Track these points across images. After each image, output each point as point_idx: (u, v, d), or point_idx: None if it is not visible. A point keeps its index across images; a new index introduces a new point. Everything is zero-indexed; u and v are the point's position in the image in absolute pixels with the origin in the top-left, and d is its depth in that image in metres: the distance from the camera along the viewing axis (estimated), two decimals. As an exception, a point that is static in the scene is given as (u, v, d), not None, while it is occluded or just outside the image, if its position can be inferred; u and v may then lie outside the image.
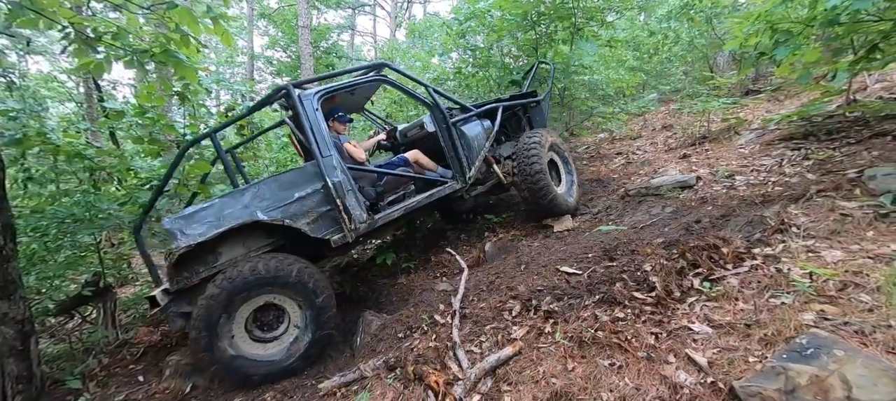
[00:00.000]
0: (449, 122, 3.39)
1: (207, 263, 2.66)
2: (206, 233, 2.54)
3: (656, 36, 8.34)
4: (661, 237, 2.89)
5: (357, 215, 2.85)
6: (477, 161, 3.48)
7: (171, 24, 2.85)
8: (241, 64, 16.63)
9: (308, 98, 2.89)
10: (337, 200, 2.74)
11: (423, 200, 3.21)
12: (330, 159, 2.81)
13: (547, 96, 4.54)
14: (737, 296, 1.98)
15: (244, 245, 2.75)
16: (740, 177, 3.63)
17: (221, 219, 2.60)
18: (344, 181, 2.83)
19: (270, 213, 2.67)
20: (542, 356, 1.99)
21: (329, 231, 2.83)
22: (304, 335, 2.64)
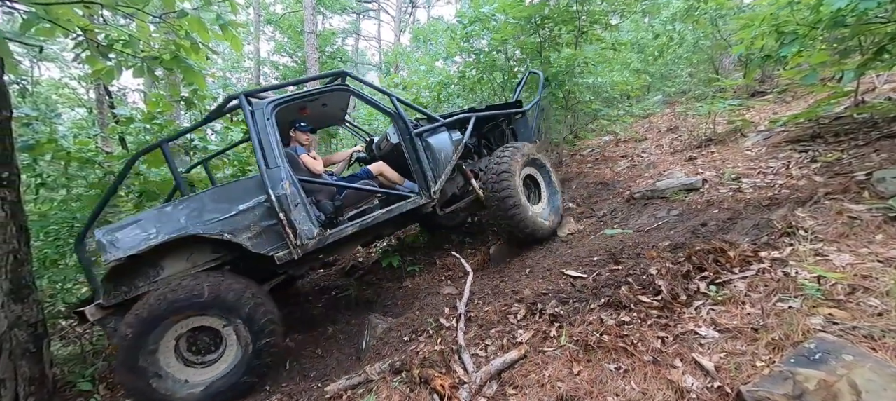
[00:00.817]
0: (412, 132, 3.19)
1: (148, 277, 2.54)
2: (137, 246, 2.39)
3: (661, 38, 8.32)
4: (666, 240, 2.88)
5: (305, 231, 2.66)
6: (444, 174, 3.27)
7: (181, 31, 2.91)
8: (248, 69, 16.83)
9: (260, 108, 2.78)
10: (280, 213, 2.57)
11: (381, 216, 3.02)
12: (277, 171, 2.65)
13: (536, 107, 4.28)
14: (744, 300, 1.97)
15: (188, 259, 2.62)
16: (747, 179, 3.60)
17: (156, 232, 2.44)
18: (291, 194, 2.64)
19: (209, 226, 2.49)
20: (548, 360, 2.00)
21: (273, 247, 2.63)
22: (241, 361, 2.48)
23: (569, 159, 6.38)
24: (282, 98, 2.90)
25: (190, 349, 2.50)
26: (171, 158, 2.85)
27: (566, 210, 4.50)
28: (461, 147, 3.40)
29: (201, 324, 2.45)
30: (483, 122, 3.82)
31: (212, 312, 2.40)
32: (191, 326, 2.43)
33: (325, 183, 3.14)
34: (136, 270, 2.51)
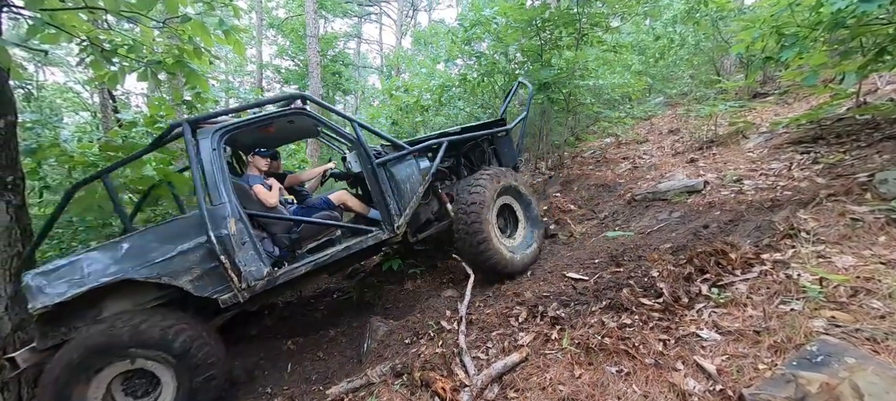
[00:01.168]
0: (373, 162, 2.89)
1: (87, 318, 2.36)
2: (66, 293, 2.20)
3: (662, 40, 8.32)
4: (668, 243, 2.88)
5: (252, 272, 2.46)
6: (409, 208, 2.97)
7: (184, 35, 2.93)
8: (251, 73, 16.92)
9: (206, 136, 2.54)
10: (221, 256, 2.36)
11: (337, 254, 2.76)
12: (221, 208, 2.44)
13: (523, 124, 3.93)
14: (746, 302, 1.96)
15: (132, 298, 2.46)
16: (749, 181, 3.60)
17: (88, 276, 2.25)
18: (236, 233, 2.44)
19: (146, 269, 2.31)
20: (549, 363, 1.99)
21: (217, 290, 2.44)
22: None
23: (570, 161, 6.38)
24: (230, 124, 2.65)
25: (126, 393, 2.35)
26: (114, 190, 2.71)
27: (567, 212, 4.50)
28: (429, 177, 3.11)
29: (132, 367, 2.29)
30: (458, 145, 3.53)
31: (139, 354, 2.24)
32: (119, 370, 2.27)
33: (277, 217, 2.90)
34: (74, 311, 2.33)
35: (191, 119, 2.57)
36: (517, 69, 6.58)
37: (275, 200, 2.96)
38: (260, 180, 3.03)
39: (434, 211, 3.44)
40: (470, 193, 3.04)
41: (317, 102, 3.08)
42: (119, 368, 2.27)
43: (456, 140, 3.35)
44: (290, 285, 2.94)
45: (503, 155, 3.81)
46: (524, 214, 3.45)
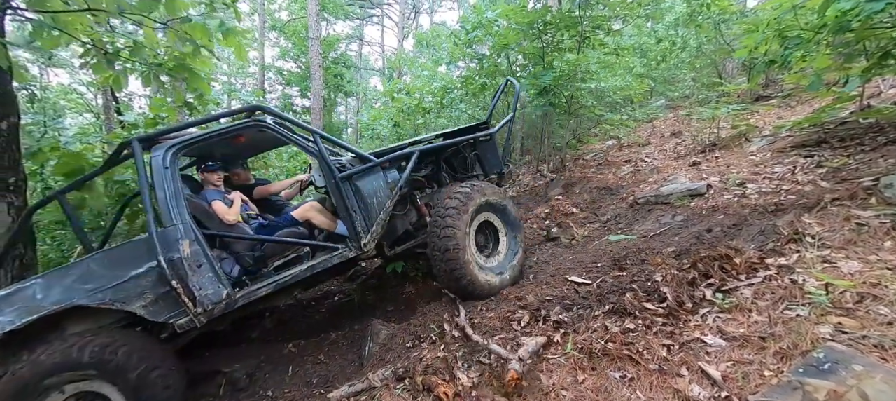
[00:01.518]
0: (336, 177, 2.73)
1: (48, 342, 2.28)
2: (16, 322, 2.15)
3: (664, 43, 8.32)
4: (671, 246, 2.87)
5: (208, 295, 2.37)
6: (377, 223, 2.81)
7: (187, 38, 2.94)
8: (253, 74, 16.98)
9: (158, 153, 2.44)
10: (173, 281, 2.28)
11: (300, 274, 2.65)
12: (172, 230, 2.35)
13: (509, 127, 3.66)
14: (750, 307, 1.95)
15: (93, 320, 2.41)
16: (752, 185, 3.58)
17: (39, 303, 2.20)
18: (191, 255, 2.35)
19: (97, 295, 2.25)
20: (552, 368, 1.98)
21: (172, 314, 2.37)
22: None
23: (572, 164, 6.37)
24: (183, 140, 2.54)
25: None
26: (71, 210, 2.64)
27: (569, 215, 4.48)
28: (397, 190, 2.93)
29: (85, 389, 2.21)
30: (437, 153, 3.32)
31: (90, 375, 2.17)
32: (74, 391, 2.20)
33: (236, 236, 2.77)
34: (33, 333, 2.27)
35: (141, 137, 2.50)
36: (519, 72, 6.59)
37: (234, 217, 2.83)
38: (219, 195, 2.90)
39: (412, 222, 3.27)
40: (444, 215, 2.82)
41: (275, 113, 2.88)
42: (70, 391, 2.18)
43: (429, 149, 3.16)
44: (258, 303, 2.81)
45: (486, 161, 3.55)
46: (507, 231, 3.20)
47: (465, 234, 2.85)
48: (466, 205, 2.88)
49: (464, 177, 3.52)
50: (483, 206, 3.02)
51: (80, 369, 2.14)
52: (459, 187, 2.99)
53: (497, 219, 3.17)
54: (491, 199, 3.05)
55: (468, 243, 2.88)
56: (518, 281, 3.08)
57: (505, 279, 3.01)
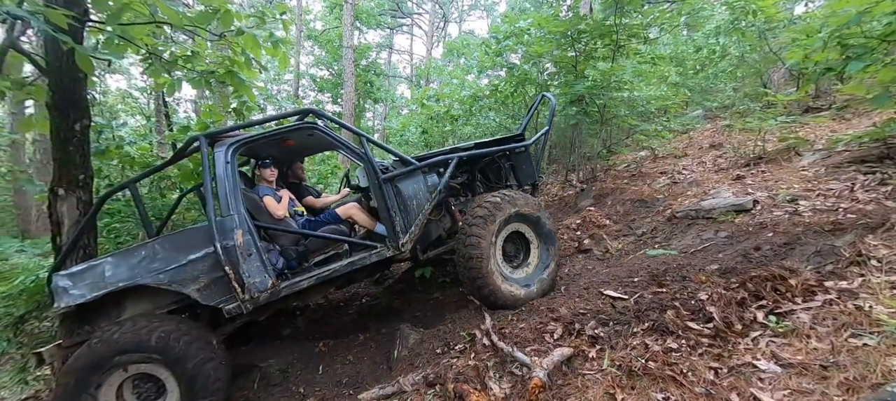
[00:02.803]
0: (380, 178, 2.83)
1: (110, 318, 2.50)
2: (87, 295, 2.34)
3: (703, 51, 8.01)
4: (715, 264, 2.72)
5: (256, 283, 2.51)
6: (415, 225, 2.88)
7: (236, 48, 3.12)
8: (288, 81, 17.73)
9: (221, 149, 2.62)
10: (226, 266, 2.42)
11: (341, 269, 2.75)
12: (229, 220, 2.50)
13: (544, 139, 3.69)
14: (809, 333, 1.82)
15: (151, 301, 2.57)
16: (805, 201, 3.35)
17: (107, 279, 2.38)
18: (243, 244, 2.49)
19: (157, 276, 2.42)
20: (588, 384, 1.92)
21: (222, 299, 2.51)
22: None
23: (603, 175, 6.21)
24: (242, 138, 2.72)
25: (137, 397, 2.46)
26: (139, 198, 2.83)
27: (602, 227, 4.36)
28: (437, 194, 2.99)
29: (144, 371, 2.38)
30: (473, 161, 3.37)
31: (155, 360, 2.33)
32: (124, 376, 2.36)
33: (283, 230, 2.93)
34: (98, 310, 2.47)
35: (207, 133, 2.68)
36: (549, 81, 6.53)
37: (282, 212, 2.99)
38: (271, 192, 3.06)
39: (446, 227, 3.31)
40: (472, 222, 2.86)
41: (327, 117, 3.06)
42: (119, 377, 2.35)
43: (468, 156, 3.21)
44: (296, 297, 2.95)
45: (521, 172, 3.57)
46: (539, 243, 3.14)
47: (491, 243, 2.86)
48: (494, 215, 2.89)
49: (497, 186, 3.53)
50: (513, 216, 3.00)
51: (147, 352, 2.30)
52: (490, 197, 3.00)
53: (529, 230, 3.13)
54: (522, 209, 3.02)
55: (493, 253, 2.90)
56: (547, 293, 3.02)
57: (531, 292, 2.96)
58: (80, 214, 2.79)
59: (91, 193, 2.86)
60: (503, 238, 3.05)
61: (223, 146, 2.64)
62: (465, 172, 3.44)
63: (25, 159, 9.20)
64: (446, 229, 3.32)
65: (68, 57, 2.66)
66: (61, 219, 2.83)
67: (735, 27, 6.85)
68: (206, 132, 2.67)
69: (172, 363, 2.34)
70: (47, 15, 1.98)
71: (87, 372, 2.25)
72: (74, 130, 2.78)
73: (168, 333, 2.34)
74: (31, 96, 2.57)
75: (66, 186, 2.82)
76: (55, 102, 2.73)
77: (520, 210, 3.01)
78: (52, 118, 2.79)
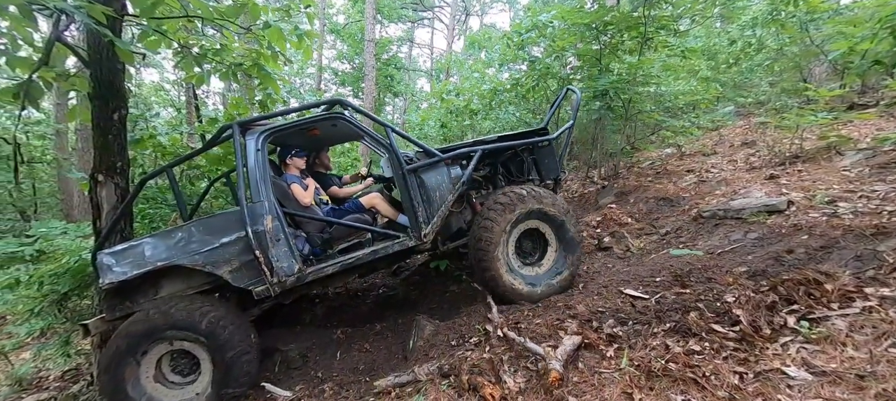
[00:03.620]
0: (404, 168, 2.86)
1: (147, 296, 2.66)
2: (129, 273, 2.50)
3: (737, 44, 7.61)
4: (743, 266, 2.62)
5: (283, 268, 2.61)
6: (437, 216, 2.91)
7: (263, 42, 3.20)
8: (311, 75, 18.07)
9: (253, 137, 2.71)
10: (256, 251, 2.54)
11: (364, 257, 2.82)
12: (260, 206, 2.60)
13: (568, 134, 3.61)
14: (844, 341, 1.72)
15: (185, 281, 2.70)
16: (845, 203, 3.16)
17: (147, 259, 2.53)
18: (273, 230, 2.59)
19: (193, 257, 2.54)
20: (605, 382, 1.89)
21: (252, 281, 2.61)
22: (211, 384, 2.54)
23: (625, 172, 6.04)
24: (273, 127, 2.81)
25: (173, 371, 2.64)
26: (176, 182, 2.93)
27: (623, 225, 4.26)
28: (460, 185, 3.00)
29: (173, 348, 2.54)
30: (496, 154, 3.36)
31: (175, 335, 2.48)
32: (163, 350, 2.53)
33: (310, 217, 3.03)
34: (137, 288, 2.64)
35: (240, 121, 2.76)
36: (572, 75, 6.38)
37: (309, 200, 3.06)
38: (298, 180, 3.14)
39: (466, 220, 3.33)
40: (488, 214, 2.89)
41: (353, 107, 3.11)
42: (162, 348, 2.53)
43: (491, 149, 3.20)
44: (320, 283, 3.05)
45: (544, 166, 3.51)
46: (556, 241, 3.09)
47: (504, 231, 2.90)
48: (515, 206, 2.90)
49: (519, 180, 3.48)
50: (535, 213, 2.98)
51: (196, 332, 2.47)
52: (517, 188, 3.01)
53: (550, 232, 3.09)
54: (547, 209, 2.99)
55: (505, 242, 2.93)
56: (547, 297, 2.95)
57: (534, 292, 2.95)
58: (118, 200, 2.95)
59: (128, 180, 3.02)
60: (520, 231, 3.04)
61: (254, 134, 2.73)
62: (487, 165, 3.42)
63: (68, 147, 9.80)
64: (467, 222, 3.33)
65: (108, 50, 2.81)
66: (101, 203, 3.01)
67: (774, 18, 6.48)
68: (238, 121, 2.77)
69: (214, 349, 2.49)
70: (89, 10, 2.09)
71: (141, 338, 2.44)
72: (113, 120, 2.93)
73: (217, 319, 2.49)
74: (75, 87, 2.73)
75: (105, 173, 2.99)
76: (96, 92, 2.89)
77: (544, 208, 2.99)
78: (93, 108, 2.96)
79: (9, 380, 3.99)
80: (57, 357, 3.79)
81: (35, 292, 3.40)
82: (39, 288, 3.37)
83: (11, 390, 3.85)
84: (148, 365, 2.52)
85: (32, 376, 4.09)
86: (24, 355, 4.52)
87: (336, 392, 2.55)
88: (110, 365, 2.41)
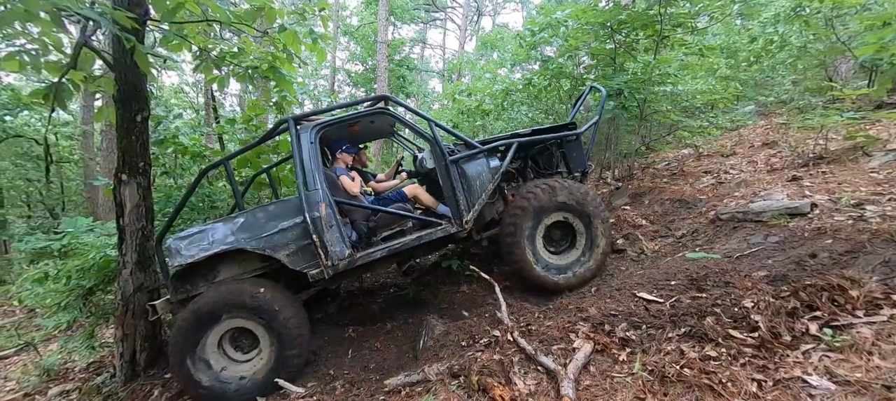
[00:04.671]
0: (447, 159, 3.05)
1: (208, 279, 2.86)
2: (196, 255, 2.70)
3: (758, 42, 7.39)
4: (763, 270, 2.54)
5: (336, 252, 2.78)
6: (477, 204, 3.09)
7: (279, 45, 3.26)
8: (324, 76, 18.32)
9: (305, 131, 2.89)
10: (314, 235, 2.71)
11: (409, 242, 3.01)
12: (315, 194, 2.77)
13: (594, 129, 3.73)
14: (871, 350, 1.65)
15: (240, 266, 2.89)
16: (873, 206, 3.03)
17: (212, 243, 2.72)
18: (326, 216, 2.76)
19: (253, 242, 2.72)
20: (617, 386, 1.86)
21: (307, 265, 2.79)
22: (270, 360, 2.72)
23: (640, 173, 5.93)
24: (326, 121, 3.00)
25: (235, 348, 2.83)
26: (232, 174, 3.12)
27: (637, 227, 4.18)
28: (498, 175, 3.19)
29: (233, 327, 2.72)
30: (527, 147, 3.53)
31: (250, 316, 2.68)
32: (225, 328, 2.71)
33: (359, 205, 3.20)
34: (197, 272, 2.83)
35: (295, 116, 2.92)
36: (585, 74, 6.29)
37: (357, 190, 3.26)
38: (346, 172, 3.35)
39: (499, 211, 3.46)
40: (519, 203, 3.11)
41: (398, 103, 3.35)
42: (227, 326, 2.71)
43: (526, 142, 3.36)
44: (366, 268, 3.25)
45: (572, 160, 3.67)
46: (585, 233, 3.27)
47: (529, 230, 3.13)
48: (546, 197, 3.13)
49: (548, 173, 3.65)
50: (559, 206, 3.17)
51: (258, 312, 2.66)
52: (536, 185, 3.19)
53: (577, 221, 3.26)
54: (569, 200, 3.16)
55: (527, 242, 3.13)
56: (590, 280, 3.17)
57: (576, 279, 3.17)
58: (140, 199, 3.06)
59: (149, 180, 3.12)
60: (547, 225, 3.22)
61: (308, 128, 2.89)
62: (519, 157, 3.56)
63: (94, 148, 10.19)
64: (498, 213, 3.46)
65: (132, 54, 2.91)
66: (124, 201, 3.12)
67: (797, 14, 6.26)
68: (293, 115, 2.93)
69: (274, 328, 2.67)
70: (114, 16, 2.18)
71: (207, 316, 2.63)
72: (136, 121, 3.04)
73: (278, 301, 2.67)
74: (102, 89, 2.84)
75: (128, 172, 3.10)
76: (120, 95, 3.00)
77: (566, 200, 3.16)
78: (117, 110, 3.07)
79: (37, 370, 4.17)
80: (82, 349, 3.94)
81: (62, 286, 3.55)
82: (66, 282, 3.52)
83: (40, 381, 4.02)
84: (216, 335, 2.71)
85: (59, 367, 4.26)
86: (52, 347, 4.72)
87: (347, 390, 2.58)
88: (177, 342, 2.62)
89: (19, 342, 4.83)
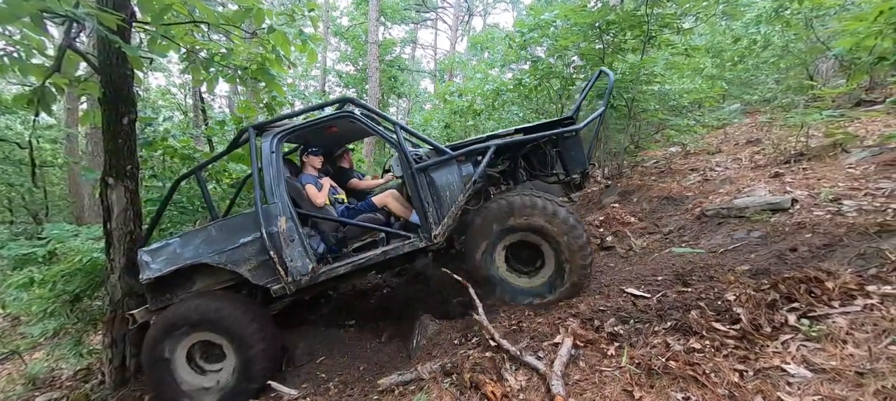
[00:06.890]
0: (412, 167, 2.76)
1: (184, 289, 2.85)
2: (162, 269, 2.69)
3: (742, 42, 7.56)
4: (746, 264, 2.62)
5: (297, 267, 2.68)
6: (448, 216, 2.80)
7: (268, 46, 3.25)
8: (315, 77, 18.19)
9: (267, 139, 2.76)
10: (271, 251, 2.62)
11: (374, 258, 2.82)
12: (274, 207, 2.68)
13: (599, 122, 3.25)
14: (845, 338, 1.72)
15: (214, 277, 2.85)
16: (850, 201, 3.14)
17: (178, 257, 2.70)
18: (286, 231, 2.66)
19: (216, 256, 2.68)
20: (605, 381, 1.91)
21: (270, 280, 2.71)
22: (234, 371, 2.69)
23: (629, 171, 6.03)
24: (287, 129, 2.85)
25: (204, 359, 2.83)
26: (204, 184, 3.07)
27: (626, 225, 4.26)
28: (472, 184, 2.85)
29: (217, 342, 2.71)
30: (515, 147, 3.12)
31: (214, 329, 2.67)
32: (192, 340, 2.71)
33: (322, 217, 3.04)
34: (175, 282, 2.82)
35: (256, 124, 2.82)
36: (574, 74, 6.38)
37: (322, 200, 3.06)
38: (312, 180, 3.13)
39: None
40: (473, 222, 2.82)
41: (361, 106, 3.09)
42: (194, 339, 2.70)
43: (505, 144, 3.00)
44: (334, 282, 3.08)
45: (569, 159, 3.21)
46: (552, 257, 2.76)
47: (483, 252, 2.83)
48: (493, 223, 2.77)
49: (543, 175, 3.28)
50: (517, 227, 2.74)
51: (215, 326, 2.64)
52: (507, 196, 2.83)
53: (544, 243, 2.78)
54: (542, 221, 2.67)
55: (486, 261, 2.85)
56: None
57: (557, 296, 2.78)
58: (127, 202, 3.02)
59: (137, 183, 3.09)
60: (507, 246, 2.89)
61: (269, 136, 2.80)
62: (505, 159, 3.22)
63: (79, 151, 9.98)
64: None
65: (117, 56, 2.88)
66: (111, 206, 3.08)
67: (779, 15, 6.43)
68: (254, 123, 2.84)
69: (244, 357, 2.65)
70: (100, 17, 2.15)
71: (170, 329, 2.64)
72: (122, 124, 3.00)
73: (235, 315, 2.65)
74: (87, 92, 2.80)
75: (115, 176, 3.06)
76: (106, 97, 2.96)
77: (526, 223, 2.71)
78: (103, 113, 3.03)
79: (23, 379, 4.08)
80: (69, 357, 3.88)
81: (48, 292, 3.49)
82: (52, 288, 3.46)
83: (25, 389, 3.94)
84: (181, 352, 2.71)
85: (45, 376, 4.18)
86: (38, 355, 4.62)
87: (341, 390, 2.59)
88: (147, 350, 2.66)
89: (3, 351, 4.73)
